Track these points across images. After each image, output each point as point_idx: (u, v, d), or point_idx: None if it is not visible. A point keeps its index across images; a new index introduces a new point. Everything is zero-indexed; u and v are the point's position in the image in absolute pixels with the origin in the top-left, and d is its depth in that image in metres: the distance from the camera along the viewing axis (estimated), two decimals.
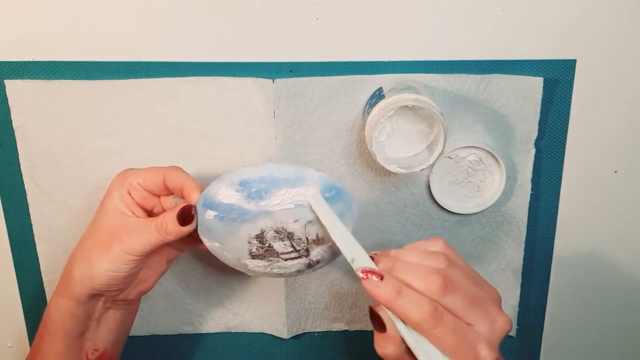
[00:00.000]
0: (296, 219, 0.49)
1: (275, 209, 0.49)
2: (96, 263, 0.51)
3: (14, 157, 0.60)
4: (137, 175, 0.53)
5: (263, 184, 0.48)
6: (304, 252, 0.51)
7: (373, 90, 0.58)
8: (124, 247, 0.50)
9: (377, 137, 0.54)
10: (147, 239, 0.50)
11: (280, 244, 0.50)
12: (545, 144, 0.60)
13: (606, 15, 0.56)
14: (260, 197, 0.49)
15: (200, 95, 0.58)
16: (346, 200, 0.50)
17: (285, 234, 0.50)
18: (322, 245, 0.51)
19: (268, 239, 0.50)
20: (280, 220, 0.49)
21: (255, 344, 0.68)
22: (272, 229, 0.50)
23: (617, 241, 0.63)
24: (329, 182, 0.49)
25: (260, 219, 0.49)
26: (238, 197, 0.49)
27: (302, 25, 0.57)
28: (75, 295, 0.52)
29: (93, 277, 0.51)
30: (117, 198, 0.52)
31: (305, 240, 0.50)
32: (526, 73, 0.58)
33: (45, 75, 0.58)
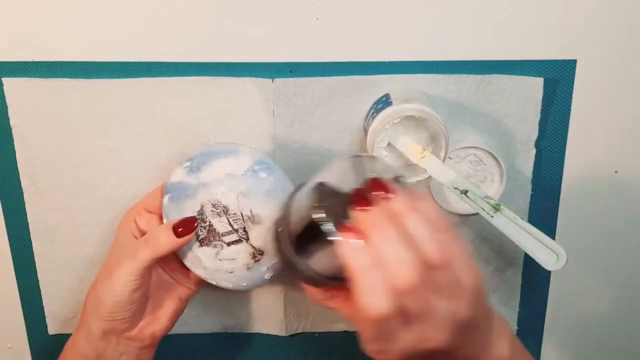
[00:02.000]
0: (229, 189, 0.51)
1: (210, 180, 0.52)
2: (100, 290, 0.51)
3: (11, 155, 0.60)
4: (139, 203, 0.56)
5: (203, 157, 0.53)
6: (242, 232, 0.52)
7: (373, 91, 0.57)
8: (121, 269, 0.51)
9: (379, 142, 0.54)
10: (140, 256, 0.51)
11: (218, 220, 0.52)
12: (546, 144, 0.60)
13: (606, 15, 0.56)
14: (199, 170, 0.52)
15: (200, 95, 0.58)
16: (278, 177, 0.53)
17: (221, 208, 0.52)
18: (259, 225, 0.52)
19: (207, 214, 0.52)
20: (215, 192, 0.52)
21: (253, 344, 0.68)
22: (209, 202, 0.52)
23: (617, 241, 0.63)
24: (261, 157, 0.53)
25: (199, 192, 0.52)
26: (183, 173, 0.53)
27: (302, 25, 0.56)
28: (89, 330, 0.52)
29: (99, 305, 0.51)
30: (124, 228, 0.55)
31: (240, 216, 0.52)
32: (526, 73, 0.58)
33: (44, 75, 0.58)
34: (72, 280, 0.64)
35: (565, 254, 0.52)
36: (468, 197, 0.53)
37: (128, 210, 0.56)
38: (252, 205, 0.52)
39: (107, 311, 0.51)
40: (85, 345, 0.53)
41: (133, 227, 0.55)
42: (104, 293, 0.51)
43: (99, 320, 0.52)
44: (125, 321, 0.52)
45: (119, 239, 0.55)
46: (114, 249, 0.55)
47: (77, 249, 0.63)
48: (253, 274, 0.54)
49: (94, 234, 0.62)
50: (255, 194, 0.52)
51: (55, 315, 0.66)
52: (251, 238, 0.53)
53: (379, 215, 0.41)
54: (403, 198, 0.41)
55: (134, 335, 0.54)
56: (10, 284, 0.65)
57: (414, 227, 0.40)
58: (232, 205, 0.52)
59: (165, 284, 0.57)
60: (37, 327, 0.66)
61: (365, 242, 0.40)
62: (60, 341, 0.55)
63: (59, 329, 0.66)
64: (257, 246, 0.53)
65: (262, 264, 0.54)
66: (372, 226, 0.40)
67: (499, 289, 0.64)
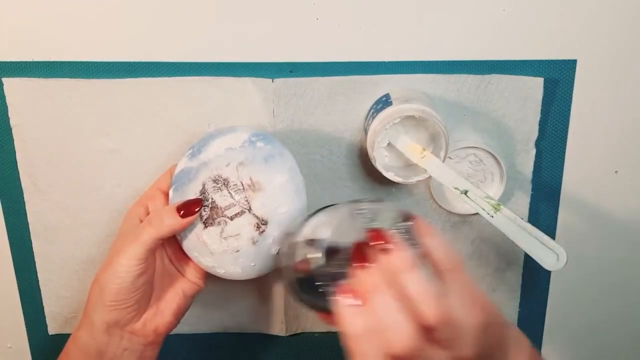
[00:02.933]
0: (228, 162, 0.51)
1: (210, 157, 0.52)
2: (103, 279, 0.50)
3: (11, 155, 0.60)
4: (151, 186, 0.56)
5: (202, 141, 0.53)
6: (244, 202, 0.51)
7: (373, 91, 0.58)
8: (124, 254, 0.50)
9: (380, 142, 0.54)
10: (143, 237, 0.50)
11: (220, 195, 0.51)
12: (546, 144, 0.60)
13: (606, 15, 0.56)
14: (199, 152, 0.53)
15: (200, 95, 0.58)
16: (276, 145, 0.53)
17: (221, 182, 0.51)
18: (260, 192, 0.51)
19: (209, 192, 0.51)
20: (215, 168, 0.51)
21: (253, 344, 0.68)
22: (210, 179, 0.51)
23: (617, 241, 0.63)
24: (258, 131, 0.54)
25: (200, 172, 0.52)
26: (185, 161, 0.53)
27: (302, 25, 0.56)
28: (92, 323, 0.51)
29: (103, 294, 0.50)
30: (133, 216, 0.54)
31: (240, 185, 0.51)
32: (526, 73, 0.58)
33: (44, 75, 0.58)
34: (72, 280, 0.64)
35: (565, 254, 0.52)
36: (468, 197, 0.53)
37: (135, 201, 0.56)
38: (252, 173, 0.51)
39: (111, 299, 0.50)
40: (87, 340, 0.52)
41: (141, 212, 0.54)
42: (107, 281, 0.50)
43: (103, 310, 0.51)
44: (129, 310, 0.51)
45: (123, 229, 0.54)
46: (118, 239, 0.54)
47: (77, 249, 0.63)
48: (260, 250, 0.52)
49: (94, 234, 0.62)
50: (254, 161, 0.51)
51: (55, 315, 0.66)
52: (253, 208, 0.51)
53: (376, 276, 0.42)
54: (402, 250, 0.42)
55: (138, 329, 0.53)
56: (10, 284, 0.65)
57: (412, 285, 0.41)
58: (232, 176, 0.51)
59: (170, 276, 0.56)
60: (37, 327, 0.66)
61: (363, 305, 0.41)
62: (60, 341, 0.55)
63: (59, 329, 0.66)
64: (259, 215, 0.51)
65: (267, 236, 0.52)
66: (370, 288, 0.41)
67: (499, 289, 0.64)
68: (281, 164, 0.52)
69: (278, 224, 0.51)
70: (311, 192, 0.61)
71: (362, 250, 0.43)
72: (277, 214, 0.51)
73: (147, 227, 0.50)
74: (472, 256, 0.63)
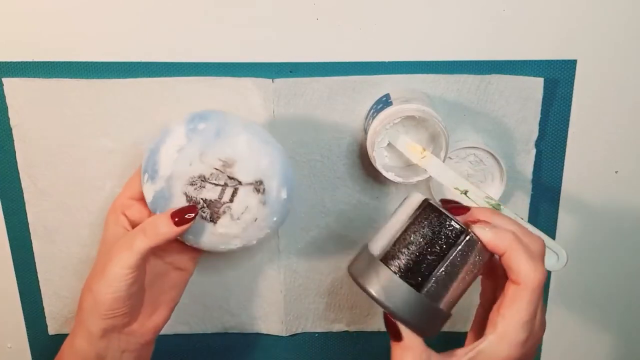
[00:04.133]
0: (189, 161, 0.50)
1: (170, 169, 0.50)
2: (96, 289, 0.49)
3: (11, 155, 0.60)
4: (122, 193, 0.54)
5: (149, 160, 0.51)
6: (231, 181, 0.51)
7: (373, 91, 0.57)
8: (117, 263, 0.49)
9: (380, 142, 0.54)
10: (136, 246, 0.49)
11: (206, 190, 0.51)
12: (546, 145, 0.60)
13: (606, 15, 0.56)
14: (155, 172, 0.50)
15: (200, 95, 0.58)
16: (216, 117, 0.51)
17: (198, 180, 0.50)
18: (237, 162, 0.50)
19: (194, 194, 0.51)
20: (182, 174, 0.50)
21: (253, 344, 0.68)
22: (186, 185, 0.50)
23: (618, 241, 0.63)
24: (189, 115, 0.51)
25: (173, 187, 0.50)
26: (148, 189, 0.51)
27: (302, 25, 0.56)
28: (88, 331, 0.51)
29: (97, 304, 0.49)
30: (112, 224, 0.53)
31: (216, 171, 0.50)
32: (526, 73, 0.58)
33: (44, 75, 0.58)
34: (72, 280, 0.64)
35: (565, 254, 0.52)
36: (468, 197, 0.53)
37: (111, 205, 0.54)
38: (217, 154, 0.50)
39: (106, 309, 0.50)
40: (85, 347, 0.51)
41: (123, 220, 0.53)
42: (101, 291, 0.49)
43: (99, 320, 0.50)
44: (125, 316, 0.51)
45: (108, 236, 0.53)
46: (104, 246, 0.53)
47: (77, 249, 0.63)
48: (272, 204, 0.51)
49: (94, 234, 0.62)
50: (209, 143, 0.50)
51: (55, 315, 0.66)
52: (242, 179, 0.50)
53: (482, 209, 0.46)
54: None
55: (135, 329, 0.53)
56: (10, 284, 0.65)
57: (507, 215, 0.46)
58: (203, 169, 0.50)
59: (160, 273, 0.55)
60: (37, 327, 0.66)
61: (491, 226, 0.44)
62: (60, 341, 0.55)
63: (59, 329, 0.66)
64: (251, 180, 0.51)
65: (270, 189, 0.51)
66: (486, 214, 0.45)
67: None
68: (233, 128, 0.51)
69: (270, 173, 0.51)
70: (311, 192, 0.61)
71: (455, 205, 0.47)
72: (263, 168, 0.51)
73: (141, 235, 0.49)
74: None
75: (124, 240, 0.50)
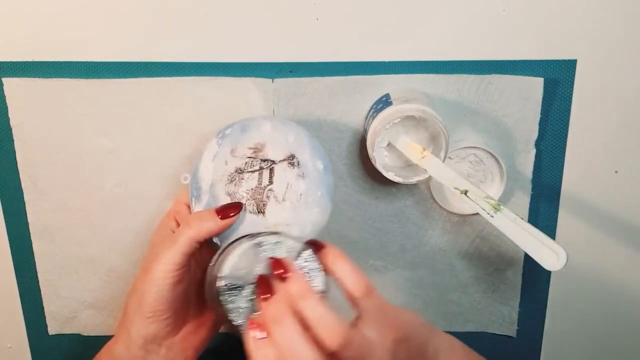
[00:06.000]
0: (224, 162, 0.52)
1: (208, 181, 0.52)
2: (141, 288, 0.49)
3: (11, 155, 0.60)
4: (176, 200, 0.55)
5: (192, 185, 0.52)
6: (265, 163, 0.52)
7: (373, 91, 0.57)
8: (161, 260, 0.48)
9: (380, 142, 0.54)
10: (180, 240, 0.48)
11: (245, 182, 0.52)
12: (546, 144, 0.60)
13: (606, 15, 0.56)
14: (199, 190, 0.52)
15: (200, 95, 0.58)
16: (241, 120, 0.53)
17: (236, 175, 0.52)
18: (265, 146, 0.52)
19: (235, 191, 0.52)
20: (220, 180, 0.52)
21: None
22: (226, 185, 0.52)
23: (617, 241, 0.63)
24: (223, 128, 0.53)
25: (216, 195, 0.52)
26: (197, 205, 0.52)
27: (302, 25, 0.56)
28: (129, 336, 0.50)
29: (141, 303, 0.49)
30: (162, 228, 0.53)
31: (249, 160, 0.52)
32: (527, 73, 0.58)
33: (44, 75, 0.58)
34: (72, 280, 0.64)
35: (565, 254, 0.52)
36: (468, 197, 0.53)
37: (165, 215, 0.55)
38: (246, 145, 0.52)
39: (149, 309, 0.48)
40: (123, 354, 0.50)
41: (172, 225, 0.53)
42: (145, 290, 0.48)
43: (141, 323, 0.49)
44: (167, 322, 0.50)
45: (154, 240, 0.53)
46: (151, 250, 0.52)
47: (77, 249, 0.63)
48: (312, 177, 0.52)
49: (94, 234, 0.62)
50: (237, 140, 0.52)
51: (55, 315, 0.66)
52: (274, 158, 0.52)
53: (278, 306, 0.44)
54: (298, 277, 0.45)
55: (176, 343, 0.52)
56: (10, 284, 0.65)
57: (310, 311, 0.43)
58: (237, 163, 0.52)
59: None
60: (37, 327, 0.66)
61: (268, 337, 0.43)
62: (60, 341, 0.55)
63: (59, 329, 0.66)
64: (283, 157, 0.52)
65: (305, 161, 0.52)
66: (272, 320, 0.44)
67: (498, 289, 0.64)
68: (255, 121, 0.52)
69: (300, 147, 0.52)
70: None
71: (267, 282, 0.46)
72: (292, 143, 0.52)
73: (185, 228, 0.49)
74: (472, 256, 0.63)
75: (169, 238, 0.49)
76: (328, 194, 0.53)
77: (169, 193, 0.61)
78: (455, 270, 0.64)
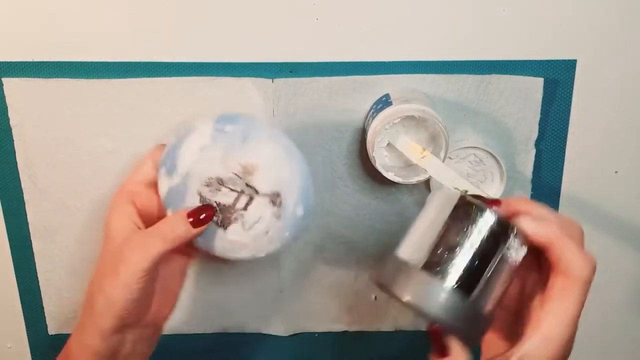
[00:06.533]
0: (209, 161, 0.49)
1: (189, 166, 0.49)
2: (109, 291, 0.48)
3: (11, 155, 0.60)
4: (131, 177, 0.52)
5: (170, 154, 0.50)
6: (248, 189, 0.50)
7: (373, 91, 0.57)
8: (131, 266, 0.47)
9: (380, 142, 0.54)
10: (152, 250, 0.47)
11: (221, 194, 0.50)
12: (546, 145, 0.60)
13: (606, 15, 0.56)
14: (174, 166, 0.49)
15: (199, 95, 0.58)
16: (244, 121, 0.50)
17: (215, 182, 0.49)
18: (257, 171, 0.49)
19: (209, 197, 0.50)
20: (200, 173, 0.49)
21: (253, 344, 0.68)
22: (202, 185, 0.49)
23: (617, 241, 0.63)
24: (218, 116, 0.50)
25: (189, 185, 0.49)
26: (166, 181, 0.50)
27: (302, 25, 0.56)
28: (100, 329, 0.49)
29: (112, 305, 0.48)
30: (120, 215, 0.50)
31: (235, 176, 0.49)
32: (526, 73, 0.58)
33: (44, 75, 0.58)
34: (72, 280, 0.64)
35: None
36: None
37: (118, 191, 0.51)
38: (238, 159, 0.49)
39: (122, 309, 0.48)
40: (97, 342, 0.50)
41: (131, 212, 0.50)
42: (116, 293, 0.47)
43: (113, 319, 0.48)
44: (140, 312, 0.50)
45: (115, 228, 0.50)
46: (111, 240, 0.50)
47: (77, 249, 0.63)
48: (287, 218, 0.50)
49: (94, 234, 0.62)
50: (234, 147, 0.49)
51: (55, 315, 0.66)
52: (259, 188, 0.49)
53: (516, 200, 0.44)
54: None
55: (149, 320, 0.52)
56: (10, 284, 0.65)
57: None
58: (221, 172, 0.49)
59: (166, 262, 0.54)
60: (37, 327, 0.66)
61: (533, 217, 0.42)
62: (60, 341, 0.55)
63: (59, 329, 0.66)
64: (269, 192, 0.49)
65: (287, 204, 0.50)
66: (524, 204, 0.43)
67: None
68: (259, 135, 0.50)
69: (289, 187, 0.50)
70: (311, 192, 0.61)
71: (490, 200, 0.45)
72: (283, 181, 0.49)
73: (157, 239, 0.48)
74: None
75: (138, 241, 0.48)
76: (295, 235, 0.52)
77: None
78: None
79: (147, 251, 0.47)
